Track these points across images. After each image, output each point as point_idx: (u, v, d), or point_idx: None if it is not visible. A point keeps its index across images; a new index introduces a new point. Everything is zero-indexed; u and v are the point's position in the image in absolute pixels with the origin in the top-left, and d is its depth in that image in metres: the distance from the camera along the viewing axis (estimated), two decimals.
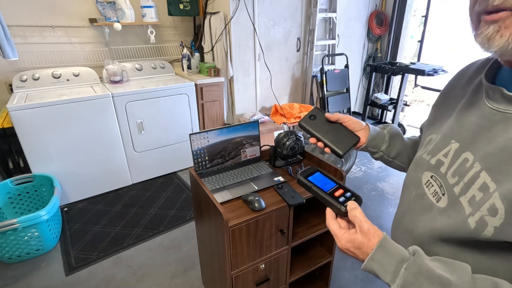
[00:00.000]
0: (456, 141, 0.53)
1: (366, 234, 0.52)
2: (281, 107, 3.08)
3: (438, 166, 0.55)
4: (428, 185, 0.56)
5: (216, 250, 1.17)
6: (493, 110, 0.48)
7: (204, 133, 1.22)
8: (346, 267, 1.82)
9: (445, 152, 0.54)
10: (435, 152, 0.57)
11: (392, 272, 0.47)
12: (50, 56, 2.59)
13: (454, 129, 0.54)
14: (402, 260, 0.47)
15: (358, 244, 0.52)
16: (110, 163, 2.50)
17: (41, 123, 2.11)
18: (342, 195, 0.59)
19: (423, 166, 0.59)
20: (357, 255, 0.53)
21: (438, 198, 0.53)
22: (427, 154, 0.59)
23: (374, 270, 0.50)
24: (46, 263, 1.85)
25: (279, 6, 2.93)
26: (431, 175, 0.56)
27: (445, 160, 0.54)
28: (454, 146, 0.53)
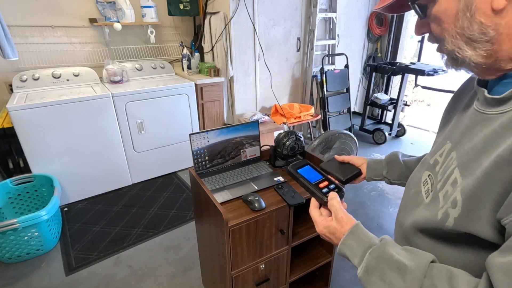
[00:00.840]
0: (450, 141, 0.56)
1: (340, 221, 0.58)
2: (281, 107, 3.08)
3: (435, 166, 0.58)
4: (424, 183, 0.59)
5: (216, 250, 1.17)
6: (477, 111, 0.51)
7: (204, 133, 1.22)
8: (346, 267, 1.82)
9: (441, 152, 0.57)
10: (434, 152, 0.60)
11: (360, 256, 0.53)
12: (50, 56, 2.59)
13: (451, 131, 0.57)
14: (369, 246, 0.52)
15: (332, 230, 0.59)
16: (110, 163, 2.50)
17: (41, 123, 2.11)
18: (326, 187, 0.65)
19: (425, 166, 0.62)
20: (332, 240, 0.60)
21: (427, 195, 0.56)
22: (430, 155, 0.61)
23: (346, 254, 0.56)
24: (46, 263, 1.85)
25: (279, 6, 2.93)
26: (428, 174, 0.59)
27: (440, 160, 0.57)
28: (448, 146, 0.55)
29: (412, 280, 0.45)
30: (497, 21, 0.41)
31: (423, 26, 0.51)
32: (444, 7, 0.45)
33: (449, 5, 0.45)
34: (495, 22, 0.42)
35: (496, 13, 0.41)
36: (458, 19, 0.44)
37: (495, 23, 0.42)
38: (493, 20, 0.42)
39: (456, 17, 0.45)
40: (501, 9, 0.41)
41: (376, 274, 0.50)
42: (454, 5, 0.44)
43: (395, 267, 0.48)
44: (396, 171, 0.84)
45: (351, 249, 0.55)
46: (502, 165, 0.41)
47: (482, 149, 0.46)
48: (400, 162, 0.84)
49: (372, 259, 0.51)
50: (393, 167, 0.84)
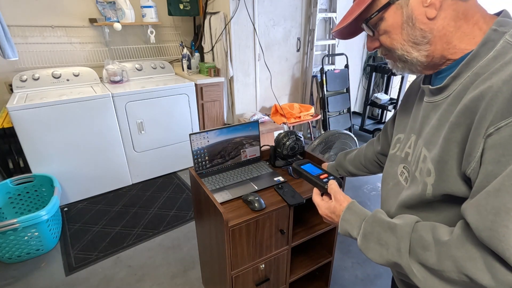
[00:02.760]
0: (414, 134, 0.66)
1: (338, 200, 0.68)
2: (281, 107, 3.08)
3: (407, 157, 0.67)
4: (401, 174, 0.68)
5: (216, 250, 1.17)
6: (427, 102, 0.62)
7: (204, 133, 1.22)
8: (346, 267, 1.82)
9: (409, 144, 0.67)
10: (403, 147, 0.69)
11: (357, 226, 0.61)
12: (50, 56, 2.60)
13: (411, 125, 0.68)
14: (365, 217, 0.61)
15: (332, 209, 0.68)
16: (110, 163, 2.50)
17: (41, 123, 2.11)
18: (326, 178, 0.76)
19: (397, 161, 0.71)
20: (333, 219, 0.68)
21: (406, 181, 0.65)
22: (399, 151, 0.71)
23: (346, 229, 0.63)
24: (46, 263, 1.85)
25: (279, 6, 2.93)
26: (403, 166, 0.68)
27: (410, 151, 0.66)
28: (413, 138, 0.66)
29: (402, 234, 0.53)
30: (432, 26, 0.54)
31: (374, 41, 0.63)
32: (391, 22, 0.57)
33: (394, 20, 0.56)
34: (431, 27, 0.54)
35: (430, 20, 0.54)
36: (403, 29, 0.56)
37: (430, 28, 0.54)
38: (429, 25, 0.54)
39: (402, 28, 0.56)
40: (433, 17, 0.53)
41: (373, 239, 0.57)
42: (399, 19, 0.56)
43: (387, 227, 0.56)
44: (343, 169, 1.08)
45: (350, 222, 0.63)
46: (454, 129, 0.51)
47: (438, 126, 0.56)
48: (345, 163, 1.07)
49: (368, 225, 0.59)
50: (341, 167, 1.09)
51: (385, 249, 0.55)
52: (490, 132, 0.45)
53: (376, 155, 0.96)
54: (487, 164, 0.45)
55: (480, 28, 0.53)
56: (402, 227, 0.54)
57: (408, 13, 0.55)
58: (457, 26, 0.54)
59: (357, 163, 1.02)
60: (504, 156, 0.43)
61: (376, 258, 0.57)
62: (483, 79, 0.49)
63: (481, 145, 0.46)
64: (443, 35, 0.54)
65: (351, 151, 1.07)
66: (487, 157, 0.45)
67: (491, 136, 0.45)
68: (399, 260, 0.53)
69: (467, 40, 0.54)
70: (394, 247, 0.54)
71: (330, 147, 1.88)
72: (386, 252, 0.55)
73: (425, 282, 0.50)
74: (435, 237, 0.50)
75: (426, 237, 0.50)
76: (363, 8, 0.57)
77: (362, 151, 1.01)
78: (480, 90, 0.48)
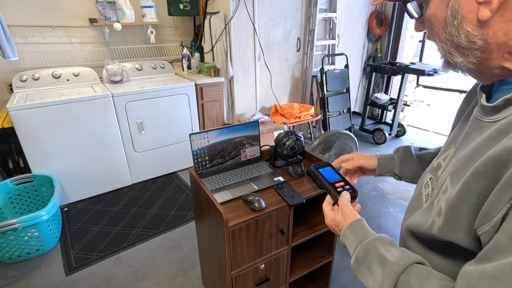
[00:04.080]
0: (454, 146, 0.55)
1: (344, 215, 0.64)
2: (281, 107, 3.08)
3: (437, 169, 0.57)
4: (426, 186, 0.59)
5: (216, 250, 1.17)
6: (475, 117, 0.50)
7: (204, 133, 1.22)
8: (346, 267, 1.82)
9: (445, 156, 0.57)
10: (439, 155, 0.59)
11: (354, 247, 0.58)
12: (50, 56, 2.60)
13: (455, 135, 0.57)
14: (363, 239, 0.57)
15: (337, 222, 0.65)
16: (110, 163, 2.50)
17: (41, 123, 2.11)
18: (341, 187, 0.70)
19: (428, 169, 0.62)
20: (336, 232, 0.65)
21: (426, 200, 0.56)
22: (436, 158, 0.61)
23: (345, 243, 0.62)
24: (46, 263, 1.85)
25: (279, 6, 2.93)
26: (430, 177, 0.59)
27: (443, 164, 0.56)
28: (452, 151, 0.55)
29: (389, 272, 0.49)
30: (484, 31, 0.42)
31: (419, 24, 0.52)
32: (433, 12, 0.45)
33: (437, 11, 0.45)
34: (482, 32, 0.42)
35: (482, 24, 0.41)
36: (446, 26, 0.44)
37: (482, 33, 0.42)
38: (480, 30, 0.42)
39: (445, 24, 0.44)
40: (486, 20, 0.41)
41: (364, 264, 0.55)
42: (443, 12, 0.44)
43: (377, 260, 0.52)
44: (409, 169, 0.80)
45: (348, 240, 0.61)
46: (478, 177, 0.41)
47: (470, 158, 0.46)
48: (414, 159, 0.79)
49: (362, 250, 0.56)
50: (406, 165, 0.80)
51: (371, 279, 0.53)
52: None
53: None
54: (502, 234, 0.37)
55: None
56: (391, 265, 0.50)
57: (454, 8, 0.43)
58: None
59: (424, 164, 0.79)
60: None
61: (363, 281, 0.55)
62: None
63: (504, 210, 0.37)
64: (502, 43, 0.41)
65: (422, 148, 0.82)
66: (506, 226, 0.37)
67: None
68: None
69: None
70: (378, 281, 0.51)
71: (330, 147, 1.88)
72: (372, 283, 0.53)
73: None
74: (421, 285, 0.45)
75: (413, 283, 0.47)
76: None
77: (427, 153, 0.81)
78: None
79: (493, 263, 0.37)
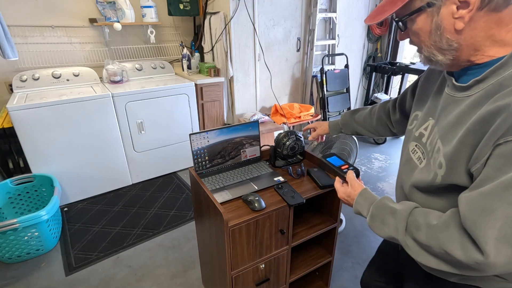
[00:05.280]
0: (432, 118, 0.72)
1: (353, 187, 0.84)
2: (281, 107, 3.08)
3: (420, 137, 0.74)
4: (413, 152, 0.76)
5: (216, 250, 1.17)
6: (448, 95, 0.68)
7: (204, 133, 1.22)
8: (346, 267, 1.82)
9: (425, 127, 0.73)
10: (419, 126, 0.76)
11: (367, 209, 0.76)
12: (50, 56, 2.60)
13: (431, 109, 0.73)
14: (372, 202, 0.75)
15: (348, 193, 0.84)
16: (110, 163, 2.50)
17: (41, 123, 2.11)
18: (346, 168, 0.93)
19: (410, 138, 0.80)
20: (349, 201, 0.84)
21: (420, 162, 0.73)
22: (414, 128, 0.78)
23: (358, 210, 0.79)
24: (46, 263, 1.85)
25: (279, 6, 2.93)
26: (415, 144, 0.76)
27: (425, 133, 0.73)
28: (431, 122, 0.72)
29: (400, 217, 0.66)
30: (458, 37, 0.58)
31: (404, 35, 0.68)
32: (420, 26, 0.61)
33: (424, 25, 0.60)
34: (457, 38, 0.58)
35: (457, 32, 0.57)
36: (431, 35, 0.60)
37: (457, 38, 0.58)
38: (456, 37, 0.58)
39: (430, 34, 0.60)
40: (460, 29, 0.57)
41: (378, 219, 0.71)
42: (428, 26, 0.60)
43: (389, 211, 0.69)
44: (349, 128, 1.17)
45: (361, 205, 0.78)
46: (469, 134, 0.57)
47: (455, 124, 0.62)
48: (352, 121, 1.15)
49: (375, 209, 0.73)
50: (347, 126, 1.18)
51: (387, 228, 0.69)
52: (499, 143, 0.52)
53: (391, 121, 1.02)
54: (489, 168, 0.54)
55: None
56: (401, 212, 0.67)
57: (437, 23, 0.58)
58: (487, 35, 0.56)
59: (367, 124, 1.10)
60: (505, 166, 0.51)
61: (380, 233, 0.71)
62: (503, 94, 0.54)
63: (489, 152, 0.53)
64: (470, 44, 0.58)
65: (356, 111, 1.13)
66: (491, 162, 0.53)
67: (499, 146, 0.52)
68: (397, 236, 0.66)
69: (497, 48, 0.57)
70: (393, 226, 0.67)
71: (330, 147, 1.88)
72: (388, 230, 0.68)
73: (416, 252, 0.63)
74: (426, 221, 0.62)
75: (420, 221, 0.63)
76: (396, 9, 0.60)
77: (373, 114, 1.08)
78: (498, 106, 0.53)
79: (486, 186, 0.53)
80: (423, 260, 0.62)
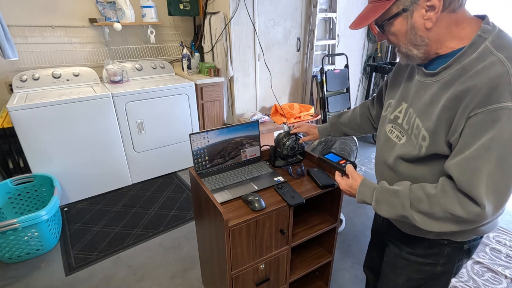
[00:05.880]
0: (405, 102, 0.85)
1: (354, 178, 0.90)
2: (281, 107, 3.08)
3: (396, 119, 0.87)
4: (390, 133, 0.89)
5: (216, 250, 1.17)
6: (419, 81, 0.81)
7: (204, 133, 1.22)
8: (346, 267, 1.82)
9: (399, 110, 0.86)
10: (392, 110, 0.89)
11: (371, 195, 0.83)
12: (50, 56, 2.60)
13: (403, 95, 0.87)
14: (374, 188, 0.83)
15: (350, 184, 0.90)
16: (110, 163, 2.50)
17: (41, 123, 2.11)
18: (344, 163, 0.98)
19: (386, 121, 0.92)
20: (351, 192, 0.90)
21: (399, 139, 0.86)
22: (388, 113, 0.91)
23: (362, 198, 0.86)
24: (46, 263, 1.85)
25: (279, 6, 2.93)
26: (392, 126, 0.89)
27: (400, 115, 0.86)
28: (404, 106, 0.85)
29: (403, 196, 0.75)
30: (429, 34, 0.71)
31: (382, 37, 0.80)
32: (398, 28, 0.74)
33: (401, 27, 0.73)
34: (428, 34, 0.72)
35: (428, 30, 0.71)
36: (407, 34, 0.73)
37: (428, 35, 0.72)
38: (427, 34, 0.71)
39: (406, 33, 0.73)
40: (430, 27, 0.70)
41: (383, 202, 0.80)
42: (404, 27, 0.73)
43: (392, 193, 0.78)
44: (337, 131, 1.26)
45: (364, 193, 0.85)
46: (445, 110, 0.71)
47: (430, 103, 0.75)
48: (339, 125, 1.24)
49: (378, 194, 0.81)
50: (335, 129, 1.26)
51: (392, 208, 0.77)
52: (471, 116, 0.65)
53: (372, 117, 1.15)
54: (465, 136, 0.66)
55: (467, 32, 0.70)
56: (403, 192, 0.76)
57: (411, 24, 0.71)
58: (448, 31, 0.71)
59: (353, 124, 1.20)
60: (478, 132, 0.64)
61: (386, 214, 0.79)
62: (470, 76, 0.67)
63: (463, 124, 0.66)
64: (437, 39, 0.72)
65: (341, 115, 1.24)
66: (466, 131, 0.66)
67: (471, 118, 0.65)
68: (404, 213, 0.75)
69: (455, 41, 0.71)
70: (400, 205, 0.76)
71: (330, 147, 1.88)
72: (394, 209, 0.77)
73: (422, 222, 0.73)
74: (426, 193, 0.72)
75: (420, 194, 0.73)
76: (377, 16, 0.72)
77: (356, 113, 1.19)
78: (467, 86, 0.66)
79: (468, 151, 0.65)
80: (428, 226, 0.72)
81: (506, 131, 0.61)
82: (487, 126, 0.63)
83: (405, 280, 0.94)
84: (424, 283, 0.91)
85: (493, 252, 1.90)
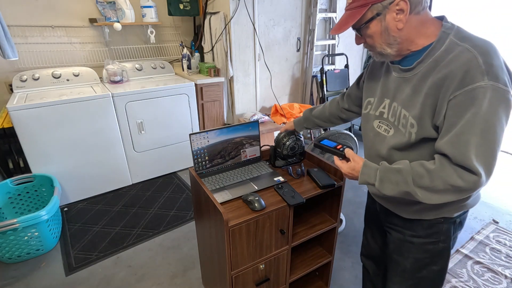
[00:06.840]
0: (387, 98, 0.93)
1: (355, 161, 0.92)
2: (281, 107, 3.08)
3: (381, 115, 0.95)
4: (379, 127, 0.96)
5: (216, 250, 1.17)
6: (397, 77, 0.90)
7: (204, 133, 1.22)
8: (346, 267, 1.82)
9: (383, 106, 0.94)
10: (376, 108, 0.97)
11: (374, 175, 0.86)
12: (50, 56, 2.60)
13: (384, 92, 0.95)
14: (377, 169, 0.86)
15: (352, 167, 0.93)
16: (110, 163, 2.50)
17: (41, 123, 2.11)
18: (341, 147, 0.99)
19: (372, 118, 0.99)
20: (354, 174, 0.92)
21: (387, 132, 0.93)
22: (372, 110, 0.99)
23: (365, 179, 0.88)
24: (46, 263, 1.85)
25: (279, 6, 2.93)
26: (379, 121, 0.96)
27: (385, 110, 0.94)
28: (387, 101, 0.93)
29: (406, 173, 0.80)
30: (400, 33, 0.80)
31: (360, 39, 0.90)
32: (374, 30, 0.83)
33: (376, 29, 0.82)
34: (400, 34, 0.81)
35: (399, 30, 0.80)
36: (382, 35, 0.82)
37: (400, 35, 0.81)
38: (399, 33, 0.80)
39: (381, 34, 0.82)
40: (401, 28, 0.79)
41: (386, 180, 0.83)
42: (379, 29, 0.82)
43: (395, 171, 0.82)
44: (311, 124, 1.33)
45: (367, 174, 0.88)
46: (428, 97, 0.79)
47: (413, 94, 0.84)
48: (312, 118, 1.32)
49: (381, 173, 0.85)
50: (308, 121, 1.34)
51: (396, 185, 0.81)
52: (451, 98, 0.74)
53: (341, 110, 1.24)
54: (449, 117, 0.75)
55: (432, 30, 0.80)
56: (404, 169, 0.80)
57: (385, 26, 0.80)
58: (417, 30, 0.81)
59: (323, 117, 1.29)
60: (460, 111, 0.73)
61: (390, 192, 0.83)
62: (444, 65, 0.77)
63: (446, 106, 0.76)
64: (408, 38, 0.82)
65: (314, 108, 1.33)
66: (449, 113, 0.75)
67: (451, 100, 0.74)
68: (408, 189, 0.79)
69: (424, 38, 0.81)
70: (403, 182, 0.80)
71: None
72: (397, 187, 0.81)
73: (424, 196, 0.78)
74: (426, 169, 0.78)
75: (420, 170, 0.78)
76: (355, 21, 0.82)
77: (326, 108, 1.29)
78: (444, 73, 0.76)
79: (455, 129, 0.73)
80: (428, 199, 0.78)
81: (485, 105, 0.70)
82: (467, 105, 0.71)
83: (412, 262, 1.00)
84: (430, 261, 0.98)
85: (493, 252, 1.91)
